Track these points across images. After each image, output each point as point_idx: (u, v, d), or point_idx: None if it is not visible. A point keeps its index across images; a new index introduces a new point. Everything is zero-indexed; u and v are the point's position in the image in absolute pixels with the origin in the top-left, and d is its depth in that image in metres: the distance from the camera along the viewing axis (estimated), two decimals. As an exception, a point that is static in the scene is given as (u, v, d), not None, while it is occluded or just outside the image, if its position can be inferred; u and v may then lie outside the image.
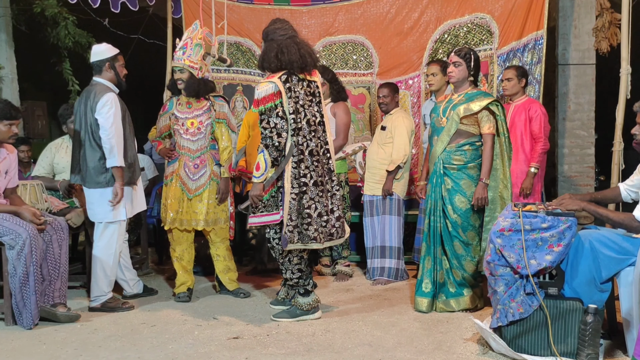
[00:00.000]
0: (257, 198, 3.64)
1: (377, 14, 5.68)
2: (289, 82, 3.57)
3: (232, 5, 5.72)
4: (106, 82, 4.05)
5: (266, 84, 3.55)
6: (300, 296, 3.76)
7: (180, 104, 4.27)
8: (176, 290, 4.34)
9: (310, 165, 3.64)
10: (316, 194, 3.65)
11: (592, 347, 2.87)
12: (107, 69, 4.06)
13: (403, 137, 4.70)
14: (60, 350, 3.28)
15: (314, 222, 3.62)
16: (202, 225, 4.23)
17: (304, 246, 3.64)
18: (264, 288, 4.64)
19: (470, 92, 3.86)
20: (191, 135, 4.21)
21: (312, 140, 3.66)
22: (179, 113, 4.24)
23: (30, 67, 6.70)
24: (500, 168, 3.89)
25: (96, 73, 4.08)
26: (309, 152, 3.64)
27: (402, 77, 5.57)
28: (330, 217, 3.72)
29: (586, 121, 5.66)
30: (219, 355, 3.15)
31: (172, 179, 4.26)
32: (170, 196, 4.24)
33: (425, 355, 3.09)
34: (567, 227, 3.00)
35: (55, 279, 3.81)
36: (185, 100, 4.25)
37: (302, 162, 3.61)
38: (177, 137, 4.25)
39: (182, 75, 4.17)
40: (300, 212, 3.61)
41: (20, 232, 3.59)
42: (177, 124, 4.24)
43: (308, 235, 3.61)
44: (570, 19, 5.61)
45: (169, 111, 4.30)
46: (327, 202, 3.71)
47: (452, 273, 3.89)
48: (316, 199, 3.65)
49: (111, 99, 3.93)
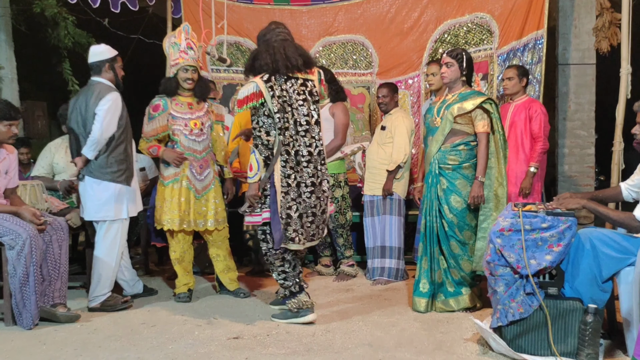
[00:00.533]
0: (252, 198, 3.63)
1: (377, 13, 5.68)
2: (272, 82, 3.54)
3: (232, 5, 5.72)
4: (107, 82, 4.06)
5: (247, 84, 3.57)
6: (288, 298, 3.75)
7: (178, 104, 4.20)
8: (177, 290, 4.33)
9: (296, 166, 3.61)
10: (298, 194, 3.61)
11: (592, 346, 2.87)
12: (107, 70, 4.07)
13: (403, 136, 4.70)
14: (60, 350, 3.28)
15: (292, 222, 3.59)
16: (212, 225, 4.23)
17: (283, 246, 3.61)
18: (264, 288, 4.64)
19: (464, 91, 3.87)
20: (196, 136, 4.20)
21: (302, 139, 3.62)
22: (179, 113, 4.19)
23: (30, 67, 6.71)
24: (495, 166, 3.88)
25: (95, 73, 4.08)
26: (295, 152, 3.61)
27: (401, 76, 5.57)
28: (316, 218, 3.70)
29: (586, 121, 5.65)
30: (219, 356, 3.14)
31: (176, 180, 4.18)
32: (175, 197, 4.16)
33: (426, 356, 3.09)
34: (567, 227, 3.00)
35: (56, 279, 3.81)
36: (186, 100, 4.23)
37: (287, 162, 3.58)
38: (179, 137, 4.18)
39: (194, 75, 4.19)
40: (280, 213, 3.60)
41: (20, 232, 3.59)
42: (177, 125, 4.18)
43: (287, 236, 3.58)
44: (571, 19, 5.60)
45: (165, 111, 4.17)
46: (316, 202, 3.68)
47: (450, 272, 3.89)
48: (298, 200, 3.61)
49: (116, 97, 3.97)
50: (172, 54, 4.21)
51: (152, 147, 4.21)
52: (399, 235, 4.78)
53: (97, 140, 3.90)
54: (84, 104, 3.97)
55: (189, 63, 4.15)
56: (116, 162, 4.00)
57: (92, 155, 3.94)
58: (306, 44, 5.76)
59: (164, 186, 4.22)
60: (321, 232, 3.80)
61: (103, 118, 3.89)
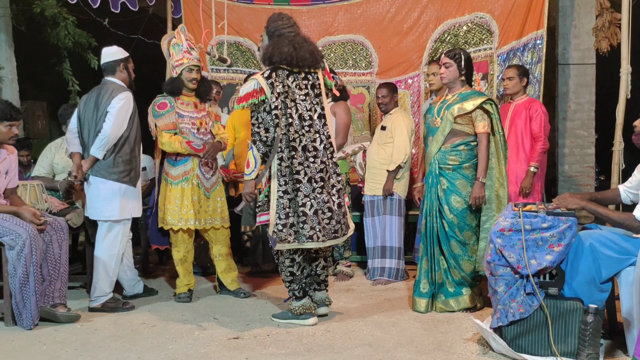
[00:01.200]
0: (249, 196, 3.61)
1: (377, 13, 5.69)
2: (273, 78, 3.52)
3: (232, 5, 5.73)
4: (120, 82, 4.08)
5: (249, 82, 3.57)
6: (293, 299, 3.72)
7: (183, 104, 4.22)
8: (177, 290, 4.33)
9: (305, 162, 3.56)
10: (311, 190, 3.56)
11: (593, 347, 2.87)
12: (121, 70, 4.11)
13: (403, 137, 4.70)
14: (60, 350, 3.28)
15: (309, 220, 3.52)
16: (219, 222, 4.27)
17: (300, 245, 3.54)
18: (264, 288, 4.64)
19: (464, 92, 3.87)
20: (203, 135, 4.24)
21: (307, 134, 3.58)
22: (186, 112, 4.20)
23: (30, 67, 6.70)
24: (496, 167, 3.88)
25: (108, 73, 4.11)
26: (302, 148, 3.56)
27: (401, 76, 5.57)
28: (333, 213, 3.61)
29: (586, 121, 5.66)
30: (219, 356, 3.14)
31: (186, 179, 4.17)
32: (188, 196, 4.15)
33: (426, 356, 3.09)
34: (568, 227, 3.00)
35: (55, 279, 3.81)
36: (191, 100, 4.25)
37: (295, 158, 3.53)
38: (188, 136, 4.17)
39: (198, 74, 4.21)
40: (295, 210, 3.54)
41: (20, 232, 3.59)
42: (186, 123, 4.18)
43: (304, 234, 3.51)
44: (570, 19, 5.61)
45: (172, 109, 4.16)
46: (328, 197, 3.61)
47: (450, 273, 3.88)
48: (311, 196, 3.55)
49: (128, 97, 3.99)
50: (175, 54, 4.21)
51: (192, 142, 4.13)
52: (399, 235, 4.79)
53: (107, 138, 3.90)
54: (92, 103, 3.98)
55: (193, 63, 4.17)
56: (122, 162, 4.01)
57: (101, 154, 3.95)
58: (306, 44, 5.78)
59: (173, 185, 4.19)
60: (344, 227, 3.69)
61: (115, 116, 3.90)
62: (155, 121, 4.16)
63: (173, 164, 4.21)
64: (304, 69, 3.60)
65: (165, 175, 4.25)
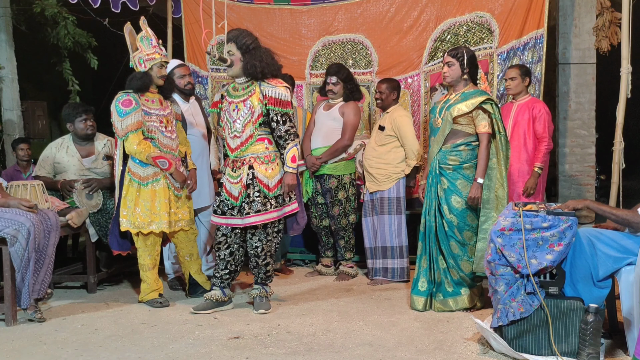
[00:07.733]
0: (292, 187, 3.94)
1: (377, 12, 5.68)
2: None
3: (232, 5, 5.72)
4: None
5: (286, 91, 3.92)
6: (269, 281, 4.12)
7: (148, 100, 4.06)
8: (147, 297, 4.15)
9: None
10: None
11: (593, 346, 2.87)
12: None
13: (411, 139, 4.67)
14: (60, 350, 3.28)
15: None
16: (187, 224, 4.20)
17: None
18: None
19: (467, 91, 3.86)
20: (170, 133, 4.13)
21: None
22: (152, 110, 4.06)
23: (30, 67, 6.70)
24: (497, 167, 3.87)
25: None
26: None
27: (401, 75, 5.56)
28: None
29: (587, 120, 5.65)
30: (219, 355, 3.14)
31: (156, 180, 4.03)
32: (161, 198, 4.02)
33: (426, 355, 3.09)
34: (568, 227, 3.00)
35: (40, 269, 3.82)
36: (157, 97, 4.13)
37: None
38: (157, 135, 4.03)
39: (166, 72, 4.18)
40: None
41: (22, 220, 3.65)
42: (153, 121, 4.02)
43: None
44: (571, 18, 5.60)
45: (138, 107, 3.96)
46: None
47: (449, 272, 3.88)
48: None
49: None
50: (144, 48, 4.05)
51: (160, 158, 3.98)
52: (399, 234, 4.75)
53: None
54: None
55: (165, 59, 4.12)
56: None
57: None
58: (306, 44, 5.78)
59: (143, 187, 4.02)
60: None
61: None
62: (120, 121, 3.93)
63: (142, 165, 4.02)
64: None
65: (132, 175, 4.04)
